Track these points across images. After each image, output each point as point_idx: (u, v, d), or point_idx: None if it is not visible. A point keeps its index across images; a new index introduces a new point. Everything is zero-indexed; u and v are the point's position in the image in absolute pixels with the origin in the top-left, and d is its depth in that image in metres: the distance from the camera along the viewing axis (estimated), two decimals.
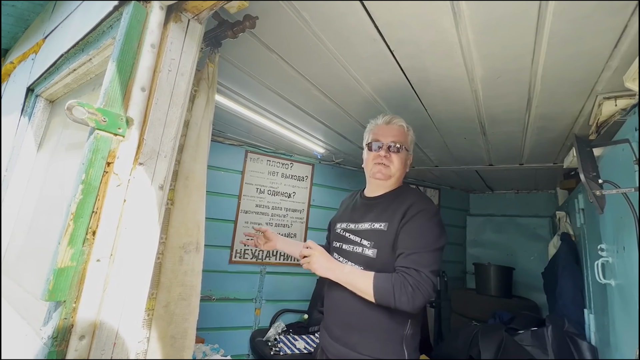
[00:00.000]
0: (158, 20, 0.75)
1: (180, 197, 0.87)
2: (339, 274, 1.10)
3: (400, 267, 1.04)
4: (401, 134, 1.24)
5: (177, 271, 0.84)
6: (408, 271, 1.01)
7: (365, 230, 1.18)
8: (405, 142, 1.24)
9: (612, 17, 0.92)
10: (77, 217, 0.61)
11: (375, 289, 1.01)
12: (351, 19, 1.05)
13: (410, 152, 1.28)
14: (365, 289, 1.04)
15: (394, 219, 1.12)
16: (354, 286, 1.07)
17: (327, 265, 1.13)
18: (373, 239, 1.14)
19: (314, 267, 1.13)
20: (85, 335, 0.61)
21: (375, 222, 1.17)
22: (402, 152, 1.22)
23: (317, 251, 1.15)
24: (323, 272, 1.12)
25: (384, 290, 1.00)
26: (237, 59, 1.40)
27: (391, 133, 1.23)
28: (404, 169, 1.26)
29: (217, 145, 2.66)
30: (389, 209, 1.17)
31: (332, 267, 1.12)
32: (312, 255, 1.14)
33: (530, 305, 2.91)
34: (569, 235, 2.32)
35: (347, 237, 1.24)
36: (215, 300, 2.55)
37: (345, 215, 1.33)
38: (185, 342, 0.84)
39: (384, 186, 1.25)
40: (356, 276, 1.08)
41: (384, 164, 1.20)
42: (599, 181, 0.88)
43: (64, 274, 0.60)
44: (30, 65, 1.36)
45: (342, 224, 1.30)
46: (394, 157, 1.21)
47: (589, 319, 1.82)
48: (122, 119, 0.68)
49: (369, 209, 1.24)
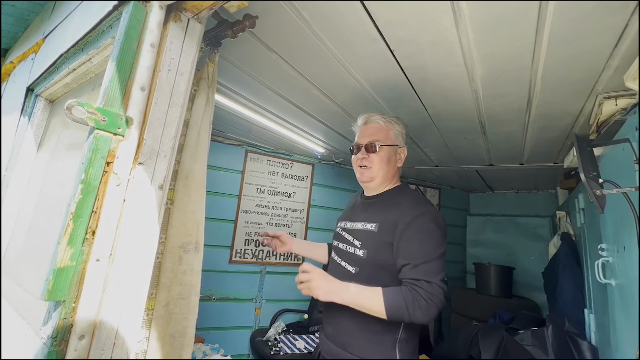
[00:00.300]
0: (158, 19, 0.75)
1: (179, 196, 0.87)
2: (344, 296, 1.02)
3: (409, 280, 1.00)
4: (378, 131, 1.20)
5: (177, 271, 0.84)
6: (419, 283, 0.97)
7: (357, 230, 1.17)
8: (384, 139, 1.20)
9: (612, 17, 0.92)
10: (76, 217, 0.61)
11: (388, 308, 0.97)
12: (351, 18, 1.05)
13: (398, 145, 1.23)
14: (376, 308, 0.98)
15: (385, 220, 1.10)
16: (363, 307, 1.01)
17: (329, 288, 1.03)
18: (363, 240, 1.13)
19: (316, 293, 1.03)
20: (84, 335, 0.61)
21: (367, 223, 1.15)
22: (383, 150, 1.18)
23: (316, 275, 1.04)
24: (326, 297, 1.02)
25: (396, 309, 0.96)
26: (237, 59, 1.40)
27: (367, 133, 1.21)
28: (391, 166, 1.20)
29: (217, 145, 2.66)
30: (382, 210, 1.15)
31: (336, 290, 1.03)
32: (310, 280, 1.04)
33: (530, 305, 2.91)
34: (569, 235, 2.32)
35: (343, 235, 1.24)
36: (216, 300, 2.55)
37: (346, 214, 1.33)
38: (184, 341, 0.84)
39: (373, 187, 1.23)
40: (364, 296, 1.01)
41: (365, 166, 1.19)
42: (600, 181, 0.87)
43: (64, 274, 0.60)
44: (30, 65, 1.36)
45: (342, 223, 1.30)
46: (373, 157, 1.18)
47: (589, 318, 1.82)
48: (122, 119, 0.68)
49: (365, 208, 1.23)
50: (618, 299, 1.29)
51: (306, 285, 1.04)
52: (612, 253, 1.35)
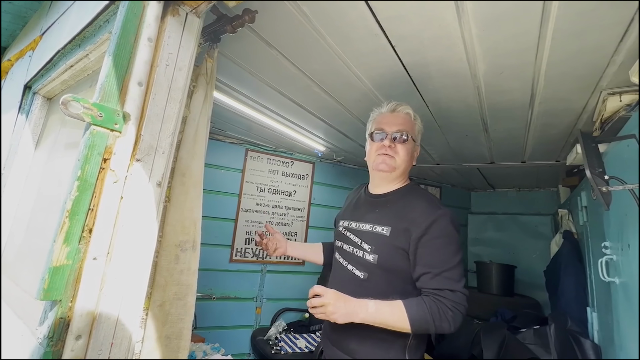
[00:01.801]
0: (155, 13, 0.74)
1: (176, 194, 0.86)
2: (365, 316, 0.95)
3: (432, 290, 0.95)
4: (407, 123, 1.14)
5: (173, 270, 0.83)
6: (442, 293, 0.93)
7: (366, 232, 1.10)
8: (412, 132, 1.13)
9: (618, 11, 0.90)
10: (72, 215, 0.60)
11: (412, 322, 0.91)
12: (352, 13, 1.04)
13: (417, 143, 1.17)
14: (400, 324, 0.93)
15: (398, 224, 1.02)
16: (385, 324, 0.95)
17: (346, 311, 0.95)
18: (374, 243, 1.05)
19: (333, 318, 0.95)
20: (81, 335, 0.60)
21: (377, 225, 1.07)
22: (409, 143, 1.12)
23: (331, 298, 0.96)
24: (345, 319, 0.95)
25: (422, 322, 0.91)
26: (236, 55, 1.39)
27: (396, 122, 1.12)
28: (410, 162, 1.15)
29: (217, 143, 2.65)
30: (393, 211, 1.08)
31: (355, 311, 0.95)
32: (326, 305, 0.95)
33: (532, 304, 2.90)
34: (571, 233, 2.31)
35: (348, 236, 1.16)
36: (216, 299, 2.54)
37: (348, 212, 1.25)
38: (180, 343, 0.82)
39: (388, 180, 1.14)
40: (385, 313, 0.95)
41: (389, 155, 1.10)
42: (605, 177, 0.86)
43: (60, 273, 0.58)
44: (27, 62, 1.35)
45: (345, 222, 1.22)
46: (400, 148, 1.10)
47: (591, 317, 1.81)
48: (119, 114, 0.67)
49: (372, 207, 1.15)
50: (622, 297, 1.27)
51: (321, 310, 0.96)
52: (616, 251, 1.33)
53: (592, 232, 1.84)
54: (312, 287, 0.99)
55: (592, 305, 1.83)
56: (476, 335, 2.02)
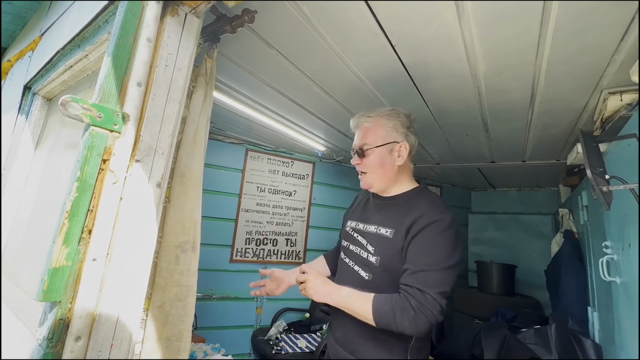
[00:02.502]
0: (154, 13, 0.73)
1: (176, 194, 0.85)
2: (336, 299, 1.02)
3: (404, 286, 0.96)
4: (366, 134, 1.13)
5: (173, 271, 0.82)
6: (411, 291, 0.92)
7: (371, 234, 1.11)
8: (373, 140, 1.11)
9: (618, 10, 0.90)
10: (72, 216, 0.60)
11: (375, 313, 0.94)
12: (352, 13, 1.03)
13: (394, 141, 1.11)
14: (364, 313, 0.97)
15: (401, 226, 1.02)
16: (353, 311, 1.00)
17: (323, 290, 1.05)
18: (377, 245, 1.07)
19: (310, 294, 1.05)
20: (81, 337, 0.59)
21: (381, 227, 1.08)
22: (372, 153, 1.10)
23: (312, 276, 1.07)
24: (320, 297, 1.04)
25: (383, 315, 0.93)
26: (236, 55, 1.38)
27: (356, 139, 1.16)
28: (387, 168, 1.11)
29: (217, 143, 2.65)
30: (397, 213, 1.08)
31: (329, 292, 1.04)
32: (307, 281, 1.07)
33: (533, 303, 2.90)
34: (572, 232, 2.31)
35: (355, 237, 1.17)
36: (216, 299, 2.54)
37: (357, 212, 1.25)
38: (180, 345, 0.82)
39: (378, 192, 1.17)
40: (354, 299, 1.01)
41: (361, 171, 1.15)
42: (606, 177, 0.86)
43: (59, 274, 0.58)
44: (27, 62, 1.35)
45: (352, 222, 1.23)
46: (364, 162, 1.12)
47: (592, 316, 1.81)
48: (118, 115, 0.66)
49: (379, 209, 1.16)
50: (623, 296, 1.27)
51: (303, 286, 1.07)
52: (616, 250, 1.33)
53: (592, 232, 1.84)
54: (301, 265, 1.10)
55: (593, 305, 1.83)
56: (477, 334, 2.02)
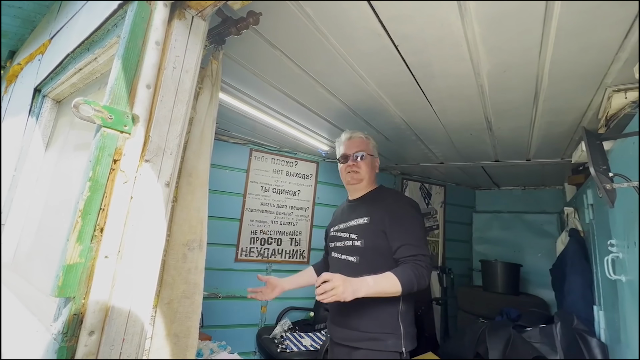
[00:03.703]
0: (162, 17, 0.75)
1: (183, 193, 0.87)
2: (367, 289, 1.12)
3: (410, 257, 1.20)
4: (362, 144, 1.43)
5: (181, 268, 0.84)
6: (417, 258, 1.18)
7: (352, 226, 1.37)
8: (367, 149, 1.43)
9: (622, 7, 0.90)
10: (85, 214, 0.62)
11: (402, 283, 1.13)
12: (355, 13, 1.05)
13: (375, 156, 1.47)
14: (393, 288, 1.14)
15: (375, 214, 1.31)
16: (384, 292, 1.15)
17: (352, 288, 1.10)
18: (358, 232, 1.32)
19: (344, 297, 1.08)
20: (94, 331, 0.61)
21: (359, 218, 1.35)
22: (367, 158, 1.42)
23: (338, 281, 1.09)
24: (353, 295, 1.10)
25: (409, 283, 1.14)
26: (240, 57, 1.40)
27: (354, 145, 1.43)
28: (373, 171, 1.45)
29: (221, 144, 2.67)
30: (368, 206, 1.36)
31: (359, 287, 1.11)
32: (335, 287, 1.08)
33: (538, 302, 2.89)
34: (577, 231, 2.29)
35: (339, 235, 1.41)
36: (222, 298, 2.57)
37: (336, 220, 1.51)
38: (188, 341, 0.84)
39: (360, 188, 1.44)
40: (382, 283, 1.15)
41: (355, 171, 1.40)
42: (610, 174, 0.86)
43: (73, 271, 0.60)
44: (37, 65, 1.38)
45: (335, 227, 1.47)
46: (361, 164, 1.40)
47: (598, 315, 1.80)
48: (128, 116, 0.68)
49: (353, 209, 1.42)
50: (628, 295, 1.27)
51: (332, 293, 1.07)
52: (622, 249, 1.33)
53: (598, 230, 1.83)
54: (320, 275, 1.12)
55: (598, 304, 1.82)
56: (481, 333, 2.02)
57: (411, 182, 3.63)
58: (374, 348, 1.20)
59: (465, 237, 3.93)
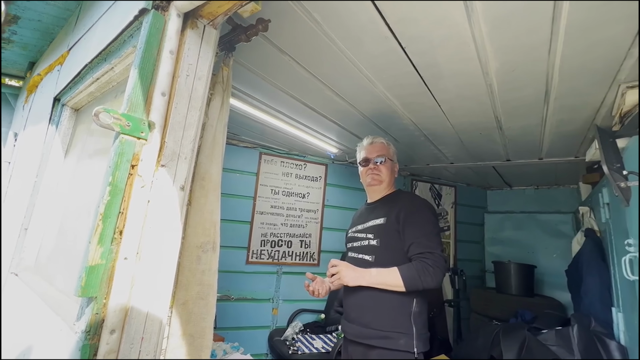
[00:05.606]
0: (176, 27, 0.78)
1: (197, 197, 0.90)
2: (369, 278, 1.24)
3: (417, 255, 1.22)
4: (383, 149, 1.50)
5: (195, 270, 0.86)
6: (423, 255, 1.20)
7: (369, 227, 1.41)
8: (387, 154, 1.49)
9: (632, 3, 0.89)
10: (105, 217, 0.65)
11: (404, 279, 1.18)
12: (362, 17, 1.06)
13: (394, 161, 1.53)
14: (395, 282, 1.19)
15: (391, 214, 1.34)
16: (385, 284, 1.22)
17: (355, 275, 1.25)
18: (375, 232, 1.37)
19: (345, 280, 1.25)
20: (115, 330, 0.64)
21: (375, 219, 1.39)
22: (387, 162, 1.48)
23: (343, 266, 1.29)
24: (354, 282, 1.25)
25: (411, 278, 1.18)
26: (250, 62, 1.43)
27: (375, 150, 1.49)
28: (392, 176, 1.50)
29: (231, 147, 2.71)
30: (385, 207, 1.40)
31: (361, 275, 1.26)
32: (339, 271, 1.27)
33: (553, 304, 2.82)
34: (593, 231, 2.24)
35: (357, 236, 1.45)
36: (234, 300, 2.60)
37: (355, 222, 1.56)
38: (203, 342, 0.85)
39: (379, 190, 1.49)
40: (384, 275, 1.22)
41: (375, 173, 1.46)
42: (624, 172, 0.85)
43: (95, 272, 0.63)
44: (56, 76, 1.44)
45: (353, 229, 1.52)
46: (382, 167, 1.47)
47: (617, 317, 1.75)
48: (145, 123, 0.71)
49: (371, 211, 1.47)
50: None
51: (336, 277, 1.27)
52: None
53: (615, 230, 1.78)
54: (331, 260, 1.32)
55: (617, 305, 1.77)
56: (495, 336, 1.99)
57: (421, 183, 3.61)
58: (386, 346, 1.22)
59: (477, 238, 3.88)
